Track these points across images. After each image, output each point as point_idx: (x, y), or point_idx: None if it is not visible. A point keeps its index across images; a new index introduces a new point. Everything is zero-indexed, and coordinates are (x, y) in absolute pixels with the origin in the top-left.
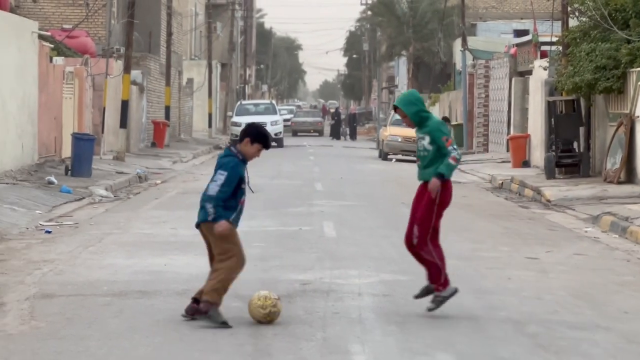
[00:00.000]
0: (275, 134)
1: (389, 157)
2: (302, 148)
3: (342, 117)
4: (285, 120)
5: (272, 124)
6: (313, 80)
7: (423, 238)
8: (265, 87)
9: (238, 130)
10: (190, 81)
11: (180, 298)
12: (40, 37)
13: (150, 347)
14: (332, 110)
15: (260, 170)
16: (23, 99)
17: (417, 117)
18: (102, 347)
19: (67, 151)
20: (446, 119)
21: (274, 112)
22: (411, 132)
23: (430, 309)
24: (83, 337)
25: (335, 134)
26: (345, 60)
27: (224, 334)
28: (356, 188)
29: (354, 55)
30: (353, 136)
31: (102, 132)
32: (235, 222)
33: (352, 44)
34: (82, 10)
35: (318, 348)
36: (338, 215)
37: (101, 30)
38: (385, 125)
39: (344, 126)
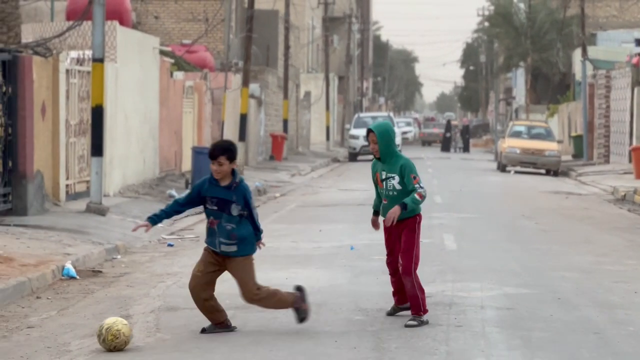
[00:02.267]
0: None
1: (507, 169)
2: (419, 160)
3: (458, 128)
4: (402, 133)
5: None
6: (430, 92)
7: (409, 268)
8: (382, 100)
9: (356, 142)
10: (307, 94)
11: None
12: (161, 52)
13: None
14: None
15: None
16: (145, 113)
17: (387, 150)
18: (227, 359)
19: (187, 165)
20: None
21: (392, 124)
22: (530, 144)
23: (409, 325)
24: (208, 349)
25: (446, 146)
26: (462, 72)
27: (347, 348)
28: (475, 200)
29: (471, 67)
30: (466, 149)
31: None
32: (208, 244)
33: (468, 56)
34: (202, 25)
35: None
36: (458, 228)
37: (220, 44)
38: (504, 137)
39: (455, 138)
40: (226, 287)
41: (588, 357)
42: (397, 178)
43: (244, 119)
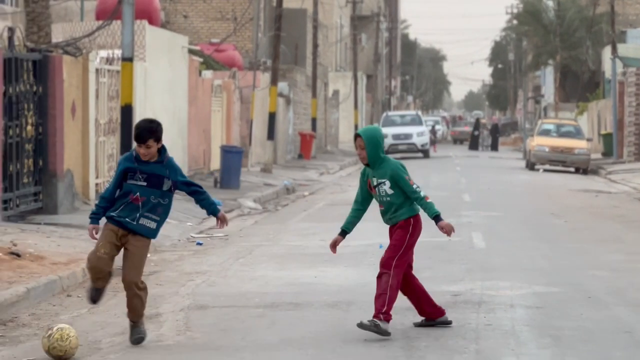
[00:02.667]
0: (422, 145)
1: (536, 167)
2: (448, 159)
3: (487, 127)
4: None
5: (418, 135)
6: (458, 91)
7: (390, 261)
8: (410, 98)
9: (385, 141)
10: (336, 93)
11: (332, 310)
12: (190, 51)
13: (303, 358)
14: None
15: None
16: (174, 112)
17: (375, 156)
18: (256, 358)
19: (215, 163)
20: None
21: (420, 123)
22: (560, 142)
23: (361, 325)
24: (238, 348)
25: (474, 145)
26: (490, 70)
27: (376, 346)
28: (504, 199)
29: (499, 65)
30: (495, 147)
31: (250, 144)
32: (118, 219)
33: (497, 54)
34: (230, 24)
35: None
36: (487, 226)
37: (248, 43)
38: (532, 135)
39: (482, 136)
40: (254, 285)
41: (619, 356)
42: (387, 183)
43: (272, 117)
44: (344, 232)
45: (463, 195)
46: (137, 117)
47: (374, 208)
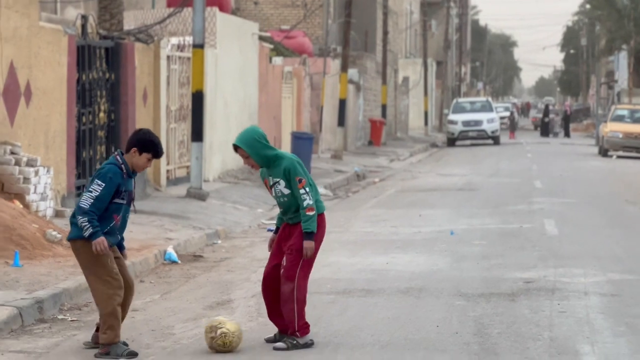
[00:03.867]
0: (492, 132)
1: (609, 153)
2: (518, 145)
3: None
4: (501, 118)
5: (489, 121)
6: (528, 77)
7: (292, 270)
8: (480, 85)
9: (454, 128)
10: (405, 79)
11: (404, 297)
12: (260, 38)
13: (376, 345)
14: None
15: (477, 169)
16: (244, 99)
17: (263, 158)
18: (328, 344)
19: (286, 150)
20: None
21: (490, 109)
22: (634, 127)
23: (277, 348)
24: (310, 334)
25: (545, 131)
26: (562, 56)
27: (448, 333)
28: (576, 185)
29: (571, 51)
30: (567, 133)
31: (320, 130)
32: (113, 243)
33: (569, 39)
34: (300, 11)
35: (545, 348)
36: (559, 213)
37: (318, 30)
38: (605, 121)
39: (552, 123)
40: (327, 272)
41: None
42: (282, 182)
43: (342, 104)
44: (278, 230)
45: (534, 182)
46: (208, 103)
47: (445, 194)
